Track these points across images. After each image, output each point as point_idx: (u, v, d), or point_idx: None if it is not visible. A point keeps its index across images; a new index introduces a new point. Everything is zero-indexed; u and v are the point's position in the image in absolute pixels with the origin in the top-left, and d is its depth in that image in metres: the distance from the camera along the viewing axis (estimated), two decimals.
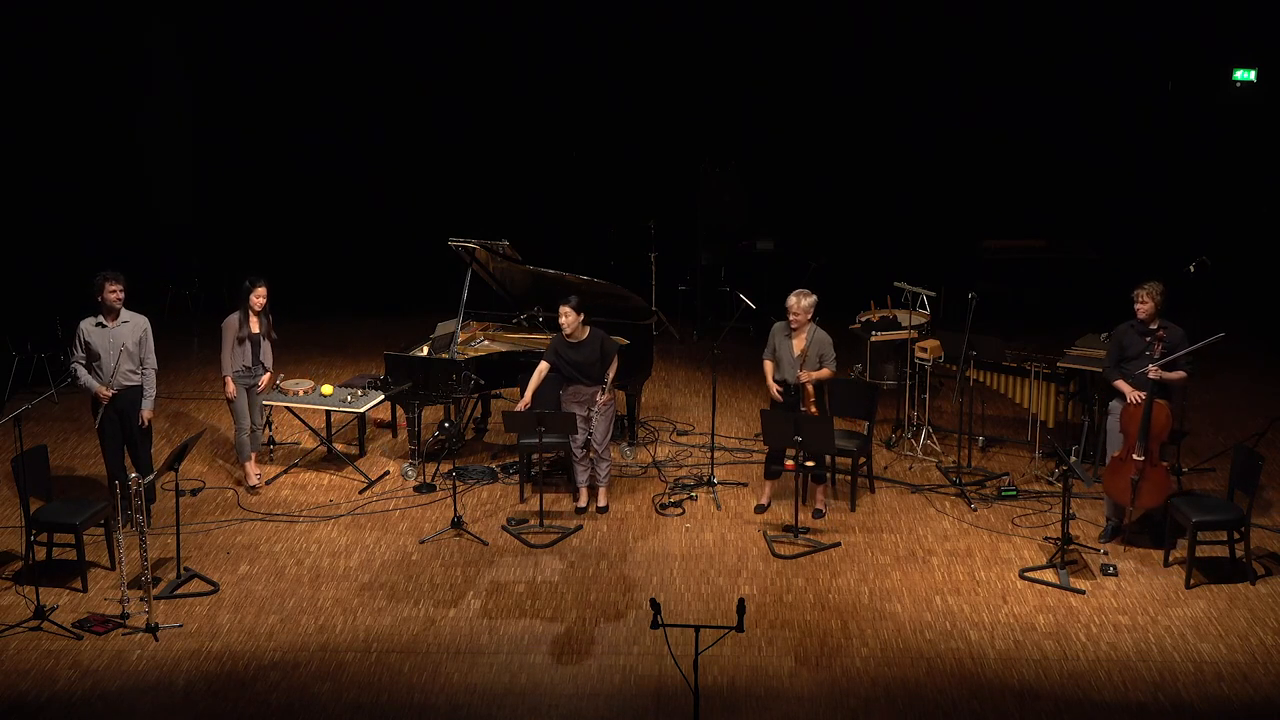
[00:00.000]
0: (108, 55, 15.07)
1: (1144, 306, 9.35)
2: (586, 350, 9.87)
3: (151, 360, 9.84)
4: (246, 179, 15.19)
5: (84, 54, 14.54)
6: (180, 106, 15.26)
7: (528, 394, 9.95)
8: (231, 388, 10.31)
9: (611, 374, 10.00)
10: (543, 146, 14.94)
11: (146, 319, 9.87)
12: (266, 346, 10.48)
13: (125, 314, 9.74)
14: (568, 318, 9.77)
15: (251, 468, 10.57)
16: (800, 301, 9.78)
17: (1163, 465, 9.30)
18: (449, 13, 14.71)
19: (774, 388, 9.84)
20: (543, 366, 9.96)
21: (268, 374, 10.54)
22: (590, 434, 10.02)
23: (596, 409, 9.94)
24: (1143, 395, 9.18)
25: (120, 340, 9.64)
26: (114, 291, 9.61)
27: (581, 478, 10.18)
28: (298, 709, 7.72)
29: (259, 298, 10.35)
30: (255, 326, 10.39)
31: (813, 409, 9.72)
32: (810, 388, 9.74)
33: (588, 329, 9.91)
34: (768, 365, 9.96)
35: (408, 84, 14.89)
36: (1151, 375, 9.12)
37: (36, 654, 8.24)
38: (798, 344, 9.82)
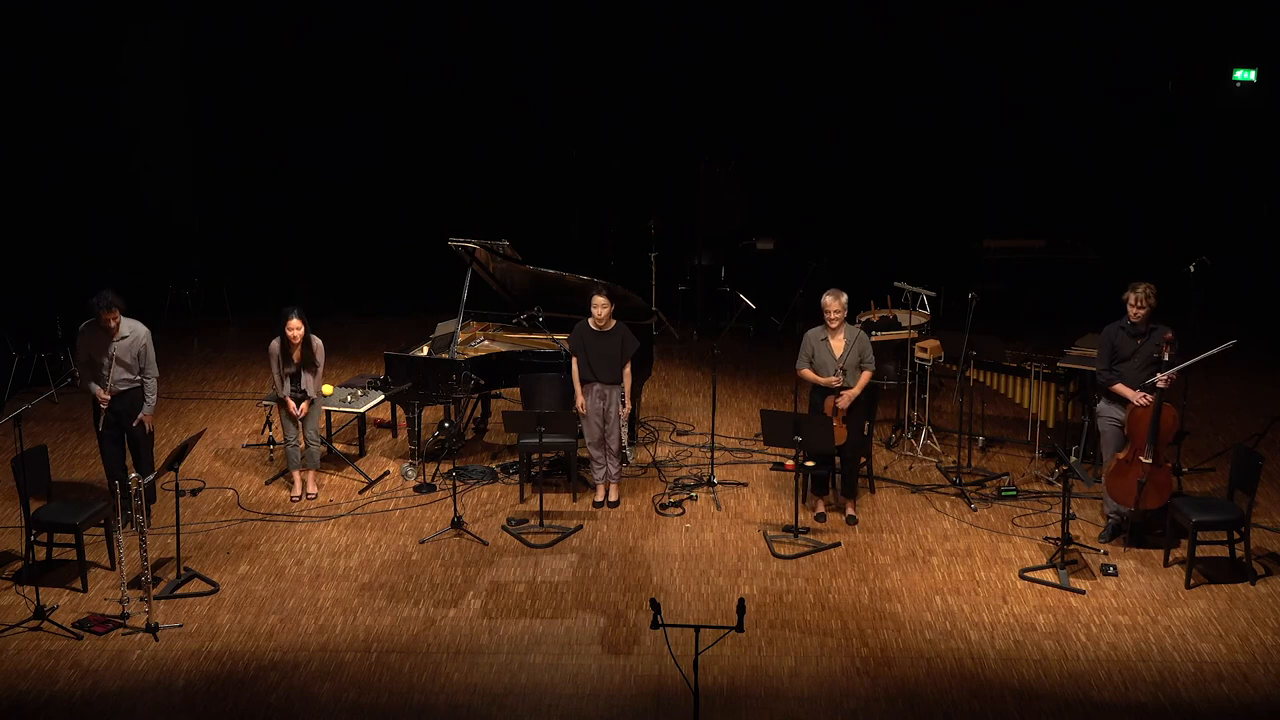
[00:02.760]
0: (107, 52, 15.05)
1: (1141, 311, 9.26)
2: (610, 342, 9.99)
3: (152, 370, 9.81)
4: (246, 178, 15.18)
5: (82, 50, 14.52)
6: (180, 104, 15.25)
7: (578, 393, 10.07)
8: (291, 406, 10.21)
9: (628, 384, 10.12)
10: (543, 146, 14.94)
11: (147, 330, 9.81)
12: (308, 377, 10.21)
13: (125, 327, 9.70)
14: (605, 309, 9.93)
15: (298, 478, 10.45)
16: (838, 300, 9.73)
17: (1166, 466, 9.31)
18: (450, 10, 14.70)
19: (832, 379, 9.71)
20: (575, 360, 10.11)
21: (306, 401, 10.25)
22: (606, 434, 10.13)
23: (611, 423, 10.11)
24: (1148, 398, 9.16)
25: (118, 352, 9.63)
26: (110, 318, 9.56)
27: (599, 474, 10.26)
28: (298, 709, 7.72)
29: (291, 330, 10.02)
30: (297, 357, 10.12)
31: (842, 427, 9.74)
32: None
33: (614, 321, 10.02)
34: (807, 373, 9.85)
35: (408, 82, 14.88)
36: (1161, 384, 9.10)
37: (36, 654, 8.24)
38: (837, 346, 9.77)
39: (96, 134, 14.86)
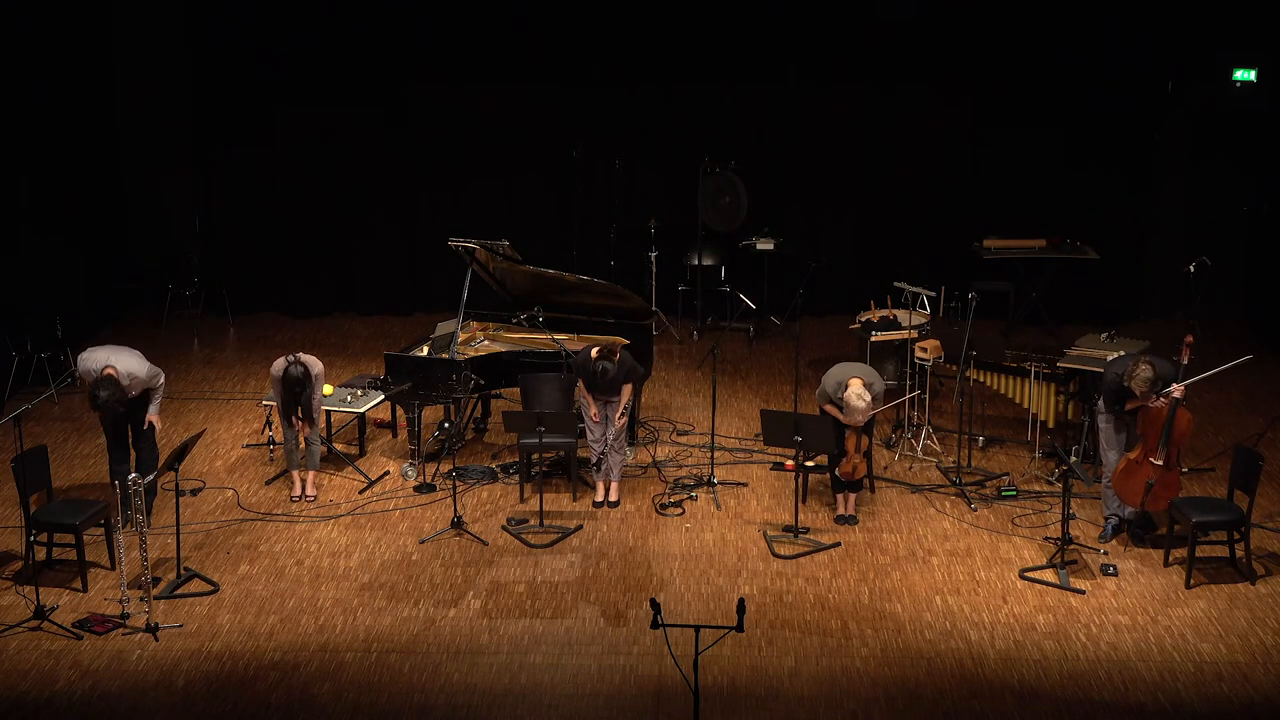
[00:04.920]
0: (103, 43, 15.00)
1: (1146, 391, 9.12)
2: (615, 373, 10.05)
3: (154, 410, 9.93)
4: (245, 177, 15.16)
5: (78, 42, 14.48)
6: (181, 103, 15.21)
7: (589, 403, 10.13)
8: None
9: (626, 398, 10.20)
10: (543, 145, 14.92)
11: (152, 373, 9.81)
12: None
13: (125, 375, 9.61)
14: (615, 365, 9.97)
15: (297, 479, 10.47)
16: (863, 400, 9.56)
17: (1178, 470, 9.29)
18: (449, 8, 14.68)
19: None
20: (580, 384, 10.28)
21: (302, 423, 10.35)
22: (606, 432, 10.22)
23: (612, 426, 10.21)
24: (1164, 400, 9.13)
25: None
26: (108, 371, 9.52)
27: (598, 460, 10.32)
28: (298, 709, 7.73)
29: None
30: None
31: (863, 464, 9.86)
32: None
33: (618, 354, 10.11)
34: (830, 409, 9.80)
35: (406, 81, 14.86)
36: (1178, 394, 9.10)
37: (36, 654, 8.25)
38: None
39: (94, 131, 14.83)
